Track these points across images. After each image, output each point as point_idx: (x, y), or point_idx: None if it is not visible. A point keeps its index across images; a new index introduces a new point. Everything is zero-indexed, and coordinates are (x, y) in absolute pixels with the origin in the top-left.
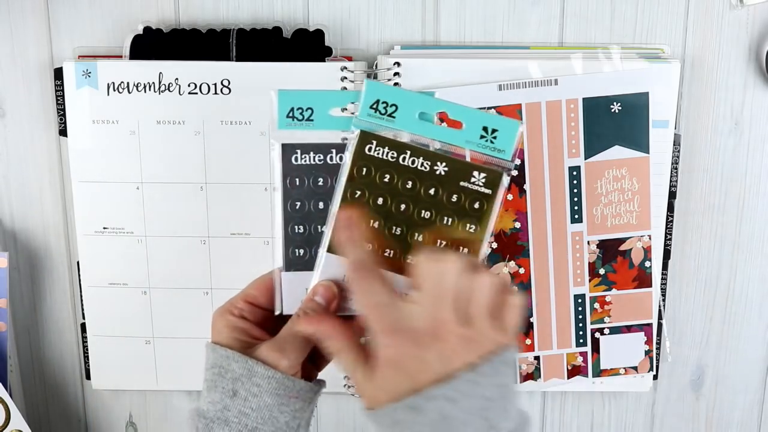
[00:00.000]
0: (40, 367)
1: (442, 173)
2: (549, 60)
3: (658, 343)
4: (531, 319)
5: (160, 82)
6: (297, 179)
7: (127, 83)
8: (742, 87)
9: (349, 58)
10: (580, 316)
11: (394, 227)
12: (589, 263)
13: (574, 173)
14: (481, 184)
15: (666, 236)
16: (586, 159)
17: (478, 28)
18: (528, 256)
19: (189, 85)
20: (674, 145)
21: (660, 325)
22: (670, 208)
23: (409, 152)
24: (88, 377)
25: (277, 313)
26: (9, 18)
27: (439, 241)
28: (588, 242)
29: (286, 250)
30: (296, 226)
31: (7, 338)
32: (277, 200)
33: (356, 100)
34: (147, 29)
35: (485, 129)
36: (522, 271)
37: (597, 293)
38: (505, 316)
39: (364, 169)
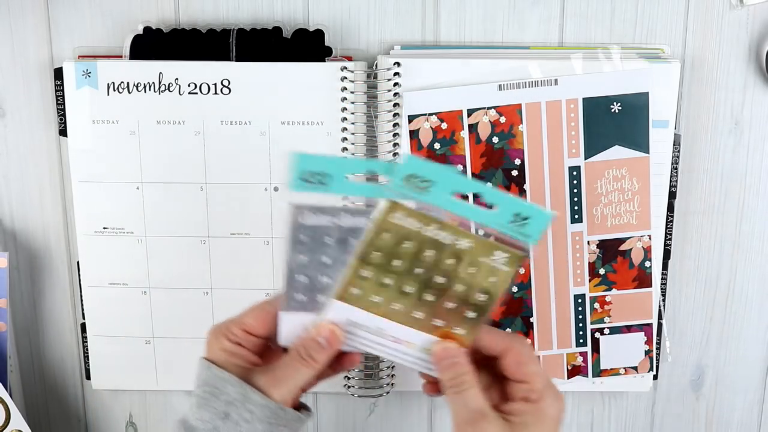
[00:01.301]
0: (40, 367)
1: (464, 248)
2: (549, 60)
3: (658, 343)
4: (531, 319)
5: (160, 82)
6: (305, 236)
7: (127, 83)
8: (742, 87)
9: (349, 58)
10: (580, 316)
11: (406, 286)
12: (589, 263)
13: (574, 173)
14: (502, 262)
15: (666, 236)
16: (586, 159)
17: (478, 28)
18: (528, 255)
19: (189, 85)
20: (674, 145)
21: (660, 325)
22: (670, 208)
23: (435, 225)
24: (88, 377)
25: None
26: (9, 18)
27: (447, 303)
28: (588, 242)
29: (288, 294)
30: (300, 276)
31: (7, 338)
32: (285, 251)
33: (368, 170)
34: (147, 29)
35: (516, 215)
36: (522, 271)
37: (597, 293)
38: None
39: (386, 234)
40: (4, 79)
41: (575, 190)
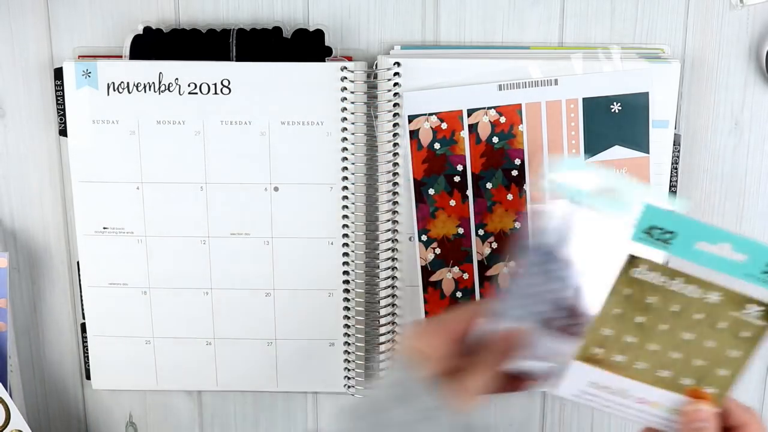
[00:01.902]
0: (40, 367)
1: (714, 301)
2: (548, 60)
3: None
4: None
5: (160, 82)
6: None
7: (127, 83)
8: (742, 87)
9: (349, 58)
10: None
11: (650, 343)
12: None
13: None
14: (756, 316)
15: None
16: (586, 159)
17: (478, 28)
18: None
19: (189, 85)
20: (674, 145)
21: None
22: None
23: (681, 278)
24: (88, 377)
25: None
26: (9, 18)
27: (696, 360)
28: None
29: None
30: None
31: (7, 338)
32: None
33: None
34: (147, 29)
35: None
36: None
37: None
38: None
39: (627, 290)
40: (4, 79)
41: None
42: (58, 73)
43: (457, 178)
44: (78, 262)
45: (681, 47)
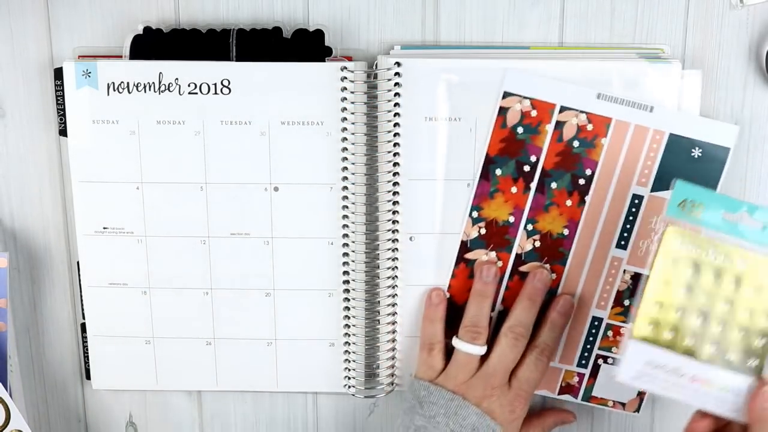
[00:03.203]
0: (40, 367)
1: (744, 268)
2: (549, 60)
3: None
4: None
5: (160, 82)
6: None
7: (127, 83)
8: (742, 87)
9: (349, 58)
10: (591, 338)
11: (707, 320)
12: (618, 291)
13: (636, 201)
14: None
15: None
16: (652, 191)
17: (478, 28)
18: (565, 264)
19: (189, 85)
20: None
21: None
22: None
23: (712, 249)
24: (88, 377)
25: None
26: (9, 18)
27: (738, 328)
28: (624, 271)
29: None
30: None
31: (7, 338)
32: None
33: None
34: (147, 29)
35: None
36: (554, 276)
37: (614, 322)
38: None
39: (671, 263)
40: (4, 79)
41: (630, 218)
42: (58, 73)
43: (527, 168)
44: (78, 262)
45: (681, 47)
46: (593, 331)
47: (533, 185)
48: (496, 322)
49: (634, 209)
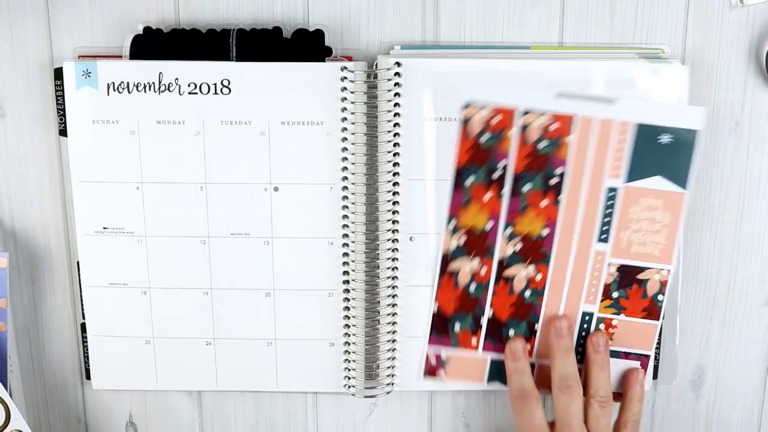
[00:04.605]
0: (40, 367)
1: None
2: (549, 60)
3: (657, 349)
4: (536, 326)
5: (160, 82)
6: None
7: (127, 83)
8: (742, 87)
9: (349, 58)
10: (583, 333)
11: None
12: (605, 284)
13: (611, 194)
14: None
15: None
16: (626, 182)
17: (478, 28)
18: (548, 264)
19: (189, 85)
20: None
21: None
22: None
23: None
24: (88, 377)
25: None
26: (9, 18)
27: None
28: (609, 264)
29: None
30: None
31: (7, 338)
32: None
33: None
34: (147, 29)
35: None
36: (539, 277)
37: (605, 314)
38: None
39: None
40: (4, 79)
41: (608, 211)
42: (58, 73)
43: (496, 174)
44: (78, 262)
45: (681, 47)
46: (585, 326)
47: (506, 190)
48: (487, 329)
49: (610, 202)
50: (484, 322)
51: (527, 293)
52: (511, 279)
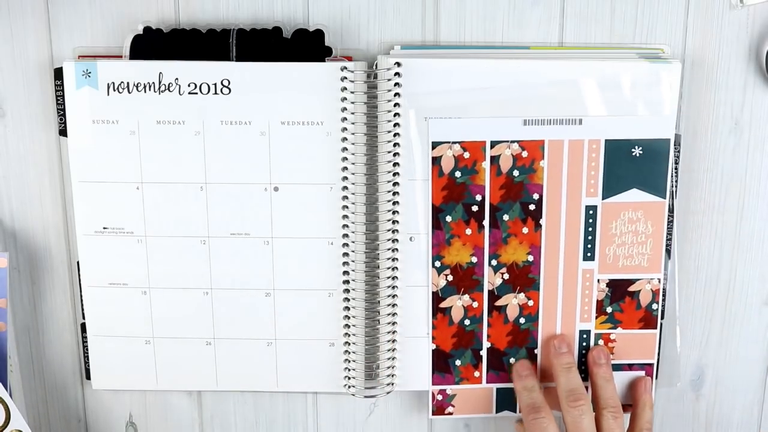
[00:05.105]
0: (40, 367)
1: None
2: (549, 60)
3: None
4: (535, 351)
5: (160, 82)
6: None
7: (127, 83)
8: (742, 87)
9: (349, 58)
10: (584, 351)
11: None
12: (598, 301)
13: (591, 212)
14: None
15: (666, 236)
16: (603, 199)
17: (478, 28)
18: (538, 289)
19: (189, 85)
20: (674, 145)
21: (661, 326)
22: (670, 208)
23: None
24: (88, 377)
25: None
26: (9, 18)
27: None
28: (598, 280)
29: None
30: None
31: (7, 338)
32: None
33: None
34: (147, 29)
35: None
36: (531, 303)
37: (602, 330)
38: None
39: None
40: (4, 79)
41: (590, 229)
42: (58, 73)
43: (475, 208)
44: (78, 262)
45: (681, 47)
46: (584, 344)
47: (486, 222)
48: (488, 361)
49: (591, 220)
50: (483, 354)
51: (522, 320)
52: (503, 308)
